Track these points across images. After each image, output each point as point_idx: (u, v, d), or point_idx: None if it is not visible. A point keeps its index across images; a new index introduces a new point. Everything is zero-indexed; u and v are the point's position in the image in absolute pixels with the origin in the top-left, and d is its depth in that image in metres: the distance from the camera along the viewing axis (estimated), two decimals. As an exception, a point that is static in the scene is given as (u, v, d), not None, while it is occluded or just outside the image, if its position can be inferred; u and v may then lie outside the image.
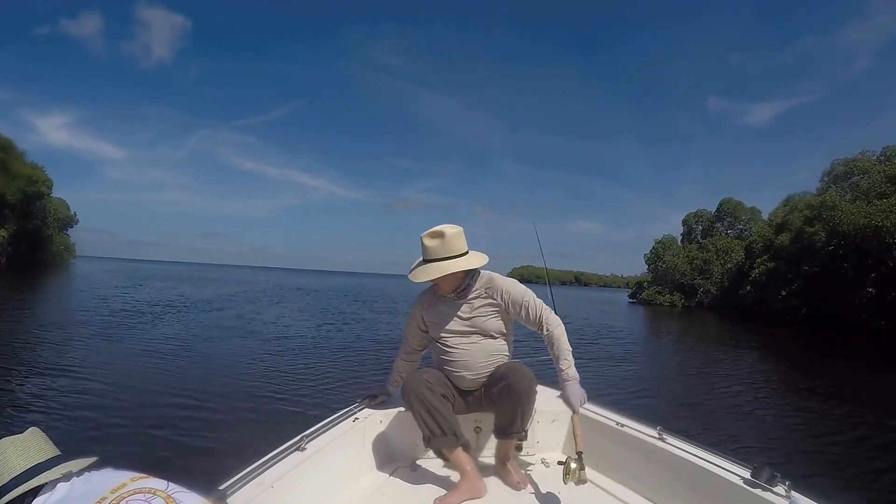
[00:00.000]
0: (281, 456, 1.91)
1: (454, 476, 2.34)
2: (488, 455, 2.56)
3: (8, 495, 1.11)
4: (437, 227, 2.28)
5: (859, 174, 34.50)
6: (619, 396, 8.08)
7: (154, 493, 1.11)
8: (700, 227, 55.36)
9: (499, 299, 2.35)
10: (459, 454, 2.29)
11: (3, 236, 44.60)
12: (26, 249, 50.30)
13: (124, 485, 1.12)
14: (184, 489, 1.17)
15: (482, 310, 2.36)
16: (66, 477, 1.14)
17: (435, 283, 2.36)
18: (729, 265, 45.87)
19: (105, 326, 12.19)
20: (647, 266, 56.13)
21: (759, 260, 39.24)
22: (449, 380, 2.41)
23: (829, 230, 31.71)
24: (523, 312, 2.36)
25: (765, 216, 48.61)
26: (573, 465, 2.20)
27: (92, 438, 4.76)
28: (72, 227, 70.21)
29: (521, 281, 2.44)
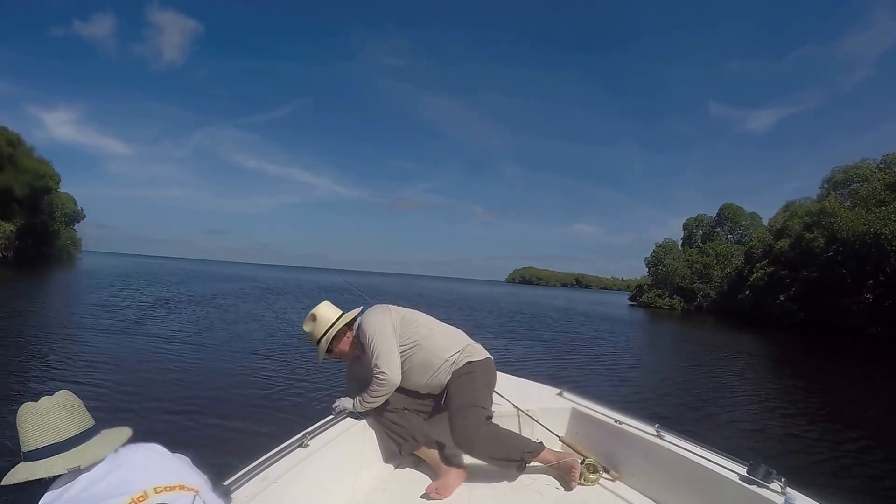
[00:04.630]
0: (284, 452, 1.94)
1: None
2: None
3: (17, 475, 1.04)
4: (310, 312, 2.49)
5: (859, 181, 34.70)
6: (619, 395, 8.17)
7: None
8: (700, 232, 55.56)
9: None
10: (430, 454, 2.40)
11: (11, 230, 45.00)
12: (33, 243, 50.49)
13: (145, 495, 1.02)
14: (218, 500, 1.11)
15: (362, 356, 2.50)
16: (88, 468, 1.05)
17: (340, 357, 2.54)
18: (728, 270, 46.08)
19: (113, 321, 12.21)
20: (647, 269, 56.20)
21: (758, 265, 39.46)
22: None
23: (828, 236, 31.94)
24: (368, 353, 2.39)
25: (765, 222, 49.02)
26: (579, 466, 2.35)
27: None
28: (79, 223, 70.69)
29: (521, 283, 2.64)
